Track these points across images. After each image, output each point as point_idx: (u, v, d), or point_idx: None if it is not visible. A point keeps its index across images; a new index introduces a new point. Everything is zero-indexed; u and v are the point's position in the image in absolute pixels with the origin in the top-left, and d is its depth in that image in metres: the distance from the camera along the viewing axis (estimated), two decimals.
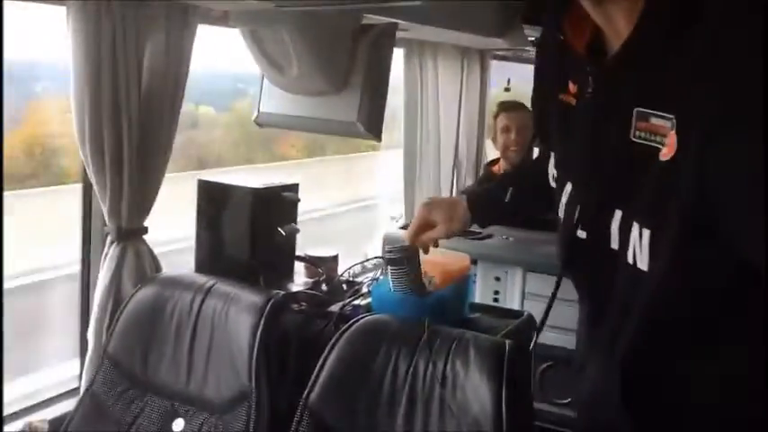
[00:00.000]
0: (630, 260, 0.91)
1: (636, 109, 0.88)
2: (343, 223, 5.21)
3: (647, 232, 0.88)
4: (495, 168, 3.14)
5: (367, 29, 2.01)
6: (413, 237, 1.52)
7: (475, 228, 2.65)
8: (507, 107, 3.07)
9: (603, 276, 0.98)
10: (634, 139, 0.89)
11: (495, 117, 3.08)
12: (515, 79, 3.77)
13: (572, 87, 1.01)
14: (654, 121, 0.86)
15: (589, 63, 0.96)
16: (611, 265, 0.95)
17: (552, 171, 1.12)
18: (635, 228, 0.90)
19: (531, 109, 1.25)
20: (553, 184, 1.11)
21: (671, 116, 0.84)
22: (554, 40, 1.02)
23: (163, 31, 1.82)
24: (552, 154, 1.12)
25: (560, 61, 1.03)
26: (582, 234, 1.01)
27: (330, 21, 1.90)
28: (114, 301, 1.86)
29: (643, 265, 0.90)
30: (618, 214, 0.92)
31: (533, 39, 2.72)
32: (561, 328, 2.35)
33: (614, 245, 0.94)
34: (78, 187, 1.98)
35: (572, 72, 1.00)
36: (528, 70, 4.27)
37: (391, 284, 1.69)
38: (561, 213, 1.06)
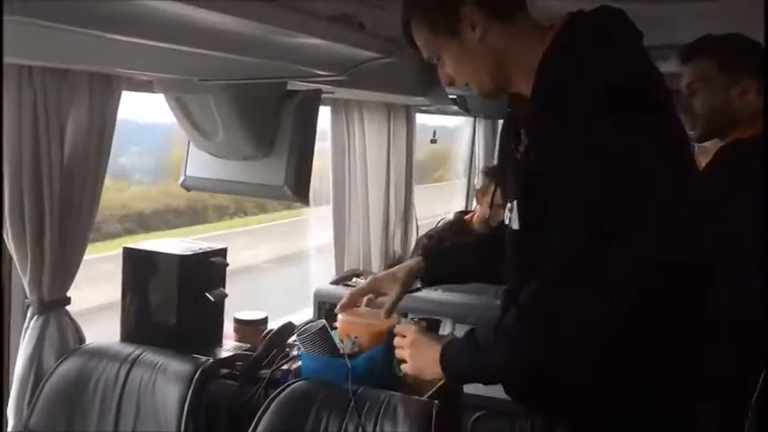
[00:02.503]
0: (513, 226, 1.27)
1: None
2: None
3: (515, 202, 1.25)
4: (468, 218, 3.24)
5: (292, 94, 2.06)
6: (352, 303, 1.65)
7: None
8: (487, 173, 3.26)
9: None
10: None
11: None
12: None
13: (520, 147, 1.30)
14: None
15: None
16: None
17: (509, 216, 1.33)
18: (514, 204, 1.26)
19: None
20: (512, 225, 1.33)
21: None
22: (506, 113, 1.38)
23: (86, 100, 1.81)
24: (511, 204, 1.33)
25: (514, 128, 1.33)
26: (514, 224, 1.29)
27: (255, 88, 1.94)
28: (36, 374, 1.81)
29: (516, 225, 1.26)
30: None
31: (454, 96, 2.83)
32: None
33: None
34: None
35: (519, 135, 1.29)
36: (449, 120, 4.42)
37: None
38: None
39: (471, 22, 1.22)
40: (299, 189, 2.03)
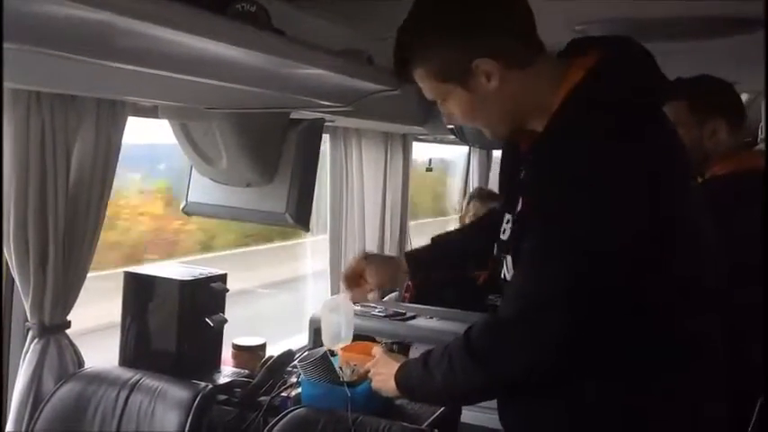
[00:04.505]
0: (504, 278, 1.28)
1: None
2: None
3: (509, 257, 1.26)
4: None
5: (295, 122, 2.08)
6: (347, 285, 1.64)
7: (399, 309, 2.73)
8: (482, 195, 3.24)
9: None
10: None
11: (468, 203, 3.28)
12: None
13: (522, 173, 1.29)
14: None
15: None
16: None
17: (504, 228, 1.35)
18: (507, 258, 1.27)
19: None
20: (503, 237, 1.36)
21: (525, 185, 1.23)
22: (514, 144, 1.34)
23: (92, 126, 1.83)
24: (508, 217, 1.35)
25: (517, 156, 1.32)
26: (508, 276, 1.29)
27: (259, 116, 1.97)
28: (34, 398, 1.80)
29: (509, 277, 1.25)
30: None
31: (451, 126, 2.87)
32: (486, 408, 2.42)
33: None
34: None
35: (522, 163, 1.29)
36: (446, 150, 4.46)
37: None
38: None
39: (486, 73, 1.16)
40: (300, 216, 2.05)
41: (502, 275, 1.29)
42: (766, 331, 1.55)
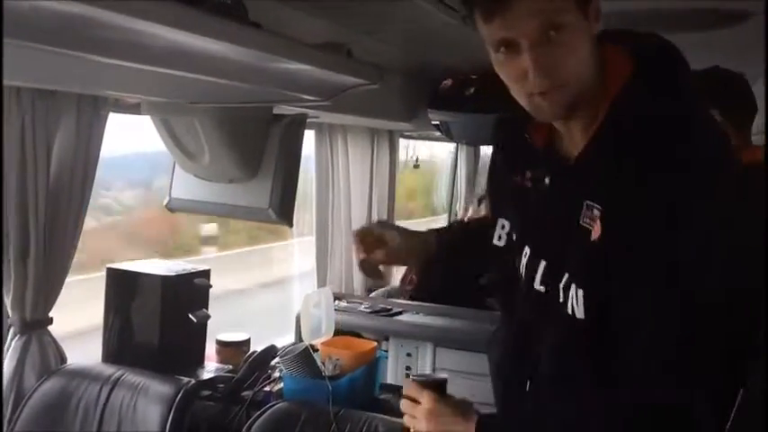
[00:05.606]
0: (569, 311, 1.10)
1: (585, 202, 1.09)
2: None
3: (581, 292, 1.09)
4: None
5: (278, 117, 2.08)
6: (360, 240, 1.45)
7: (386, 305, 2.74)
8: None
9: (547, 320, 1.16)
10: (581, 224, 1.10)
11: (479, 204, 3.51)
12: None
13: (528, 174, 1.21)
14: (594, 211, 1.09)
15: (547, 160, 1.18)
16: (554, 313, 1.13)
17: (500, 234, 1.30)
18: (573, 287, 1.10)
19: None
20: (498, 243, 1.29)
21: (600, 207, 1.07)
22: (520, 137, 1.22)
23: (73, 121, 1.83)
24: (503, 222, 1.30)
25: (520, 152, 1.23)
26: (541, 288, 1.17)
27: (241, 111, 1.96)
28: (16, 394, 1.80)
29: (580, 314, 1.09)
30: (564, 276, 1.12)
31: (437, 122, 2.88)
32: (477, 404, 2.43)
33: (561, 299, 1.12)
34: None
35: (530, 162, 1.21)
36: (433, 147, 4.46)
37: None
38: (522, 270, 1.22)
39: (597, 10, 1.04)
40: (283, 212, 2.04)
41: (569, 309, 1.11)
42: (767, 327, 1.56)
